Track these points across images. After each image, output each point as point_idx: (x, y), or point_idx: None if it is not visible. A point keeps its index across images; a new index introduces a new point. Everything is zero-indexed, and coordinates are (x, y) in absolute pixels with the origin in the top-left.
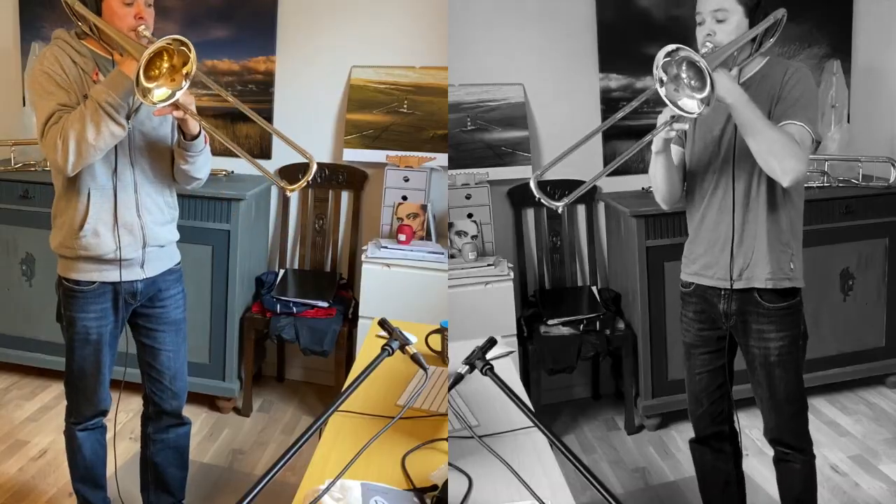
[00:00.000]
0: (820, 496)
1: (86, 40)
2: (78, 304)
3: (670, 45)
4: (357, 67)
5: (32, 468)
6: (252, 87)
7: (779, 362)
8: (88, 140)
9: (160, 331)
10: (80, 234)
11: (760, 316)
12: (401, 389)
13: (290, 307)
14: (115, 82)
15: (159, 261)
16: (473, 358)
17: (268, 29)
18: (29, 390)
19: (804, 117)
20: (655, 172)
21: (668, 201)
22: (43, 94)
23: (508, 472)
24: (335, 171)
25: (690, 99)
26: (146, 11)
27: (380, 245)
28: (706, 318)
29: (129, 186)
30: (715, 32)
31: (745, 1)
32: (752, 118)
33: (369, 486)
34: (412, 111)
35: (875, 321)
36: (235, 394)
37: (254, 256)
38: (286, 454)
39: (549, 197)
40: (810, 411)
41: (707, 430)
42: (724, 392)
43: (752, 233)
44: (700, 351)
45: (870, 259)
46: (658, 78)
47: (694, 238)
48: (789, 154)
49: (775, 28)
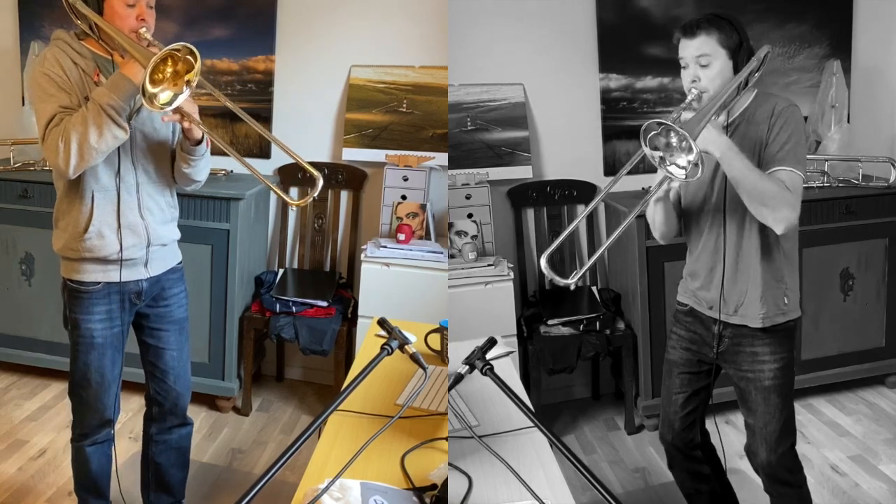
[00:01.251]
0: (820, 496)
1: (86, 41)
2: (83, 306)
3: (652, 123)
4: (356, 67)
5: (32, 467)
6: (251, 87)
7: (774, 387)
8: (91, 143)
9: (164, 330)
10: (85, 237)
11: (755, 339)
12: (400, 389)
13: (290, 306)
14: (118, 85)
15: (162, 260)
16: (473, 358)
17: (267, 28)
18: (28, 390)
19: (794, 160)
20: (655, 216)
21: (667, 238)
22: (43, 97)
23: (508, 472)
24: (334, 171)
25: (682, 159)
26: (148, 13)
27: (379, 244)
28: (696, 340)
29: (132, 187)
30: (700, 78)
31: (728, 44)
32: (741, 170)
33: (368, 486)
34: (411, 110)
35: (875, 321)
36: (235, 393)
37: (253, 256)
38: (285, 453)
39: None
40: (810, 412)
41: (678, 455)
42: (695, 417)
43: (745, 274)
44: (681, 370)
45: (870, 259)
46: (646, 147)
47: (691, 269)
48: (781, 203)
49: (760, 64)
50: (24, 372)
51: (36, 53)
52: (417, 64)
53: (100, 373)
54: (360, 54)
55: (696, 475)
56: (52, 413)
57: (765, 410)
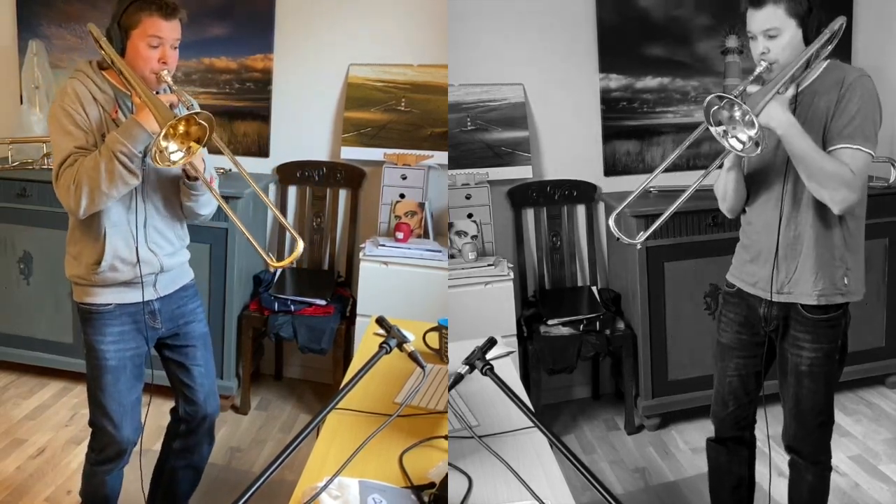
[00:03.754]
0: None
1: (107, 72)
2: (95, 327)
3: (714, 98)
4: (355, 65)
5: (31, 466)
6: (250, 86)
7: (809, 373)
8: (102, 188)
9: (190, 346)
10: (99, 270)
11: (799, 324)
12: (398, 387)
13: (288, 305)
14: (131, 133)
15: (172, 280)
16: (473, 358)
17: (266, 27)
18: (27, 389)
19: (861, 137)
20: (727, 186)
21: (735, 211)
22: (61, 133)
23: (508, 472)
24: (333, 170)
25: (743, 134)
26: (171, 54)
27: (378, 243)
28: (746, 322)
29: (142, 222)
30: (769, 49)
31: (797, 11)
32: (803, 148)
33: (367, 484)
34: (410, 109)
35: (875, 321)
36: (233, 392)
37: (252, 255)
38: (284, 452)
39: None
40: None
41: (728, 433)
42: (751, 398)
43: (797, 248)
44: (736, 354)
45: (870, 259)
46: (710, 122)
47: (743, 243)
48: (840, 184)
49: (832, 35)
50: (23, 371)
51: (34, 52)
52: (416, 62)
53: (116, 400)
54: (359, 53)
55: (734, 455)
56: (51, 412)
57: (796, 391)
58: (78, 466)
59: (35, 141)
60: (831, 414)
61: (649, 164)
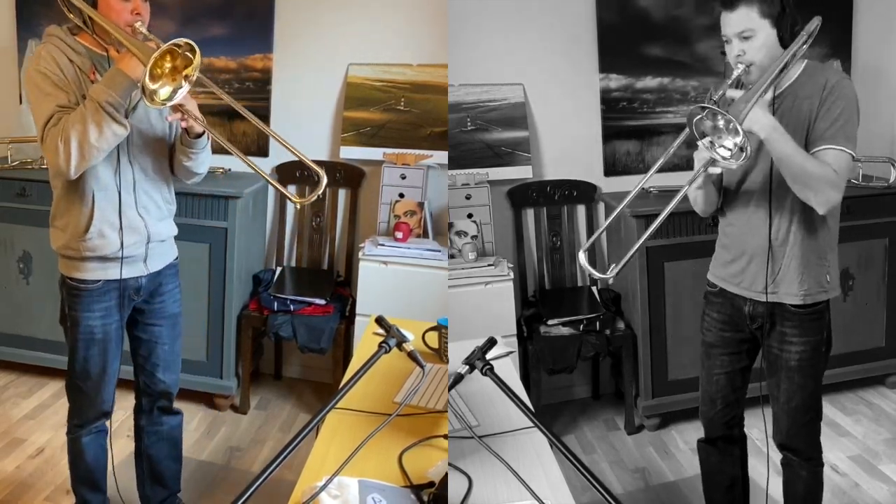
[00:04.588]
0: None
1: (80, 36)
2: (83, 303)
3: (696, 108)
4: (354, 65)
5: (30, 466)
6: (249, 85)
7: (798, 367)
8: (91, 141)
9: (158, 325)
10: (87, 237)
11: (786, 319)
12: (398, 387)
13: (288, 305)
14: (115, 81)
15: (161, 256)
16: (473, 358)
17: (265, 26)
18: (26, 388)
19: (843, 138)
20: (696, 197)
21: (708, 212)
22: (40, 95)
23: (508, 472)
24: (332, 169)
25: (729, 141)
26: (143, 6)
27: (377, 243)
28: (730, 321)
29: (130, 185)
30: (745, 52)
31: (770, 12)
32: (786, 151)
33: (366, 483)
34: (409, 109)
35: (875, 321)
36: (233, 391)
37: (251, 254)
38: (283, 451)
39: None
40: None
41: (717, 431)
42: (738, 396)
43: (784, 249)
44: (720, 352)
45: (870, 259)
46: (695, 133)
47: (723, 243)
48: (825, 184)
49: (809, 37)
50: (23, 370)
51: (33, 52)
52: (415, 62)
53: (101, 366)
54: (358, 52)
55: (725, 454)
56: (50, 412)
57: (787, 387)
58: None
59: (35, 141)
60: (820, 409)
61: (649, 164)
